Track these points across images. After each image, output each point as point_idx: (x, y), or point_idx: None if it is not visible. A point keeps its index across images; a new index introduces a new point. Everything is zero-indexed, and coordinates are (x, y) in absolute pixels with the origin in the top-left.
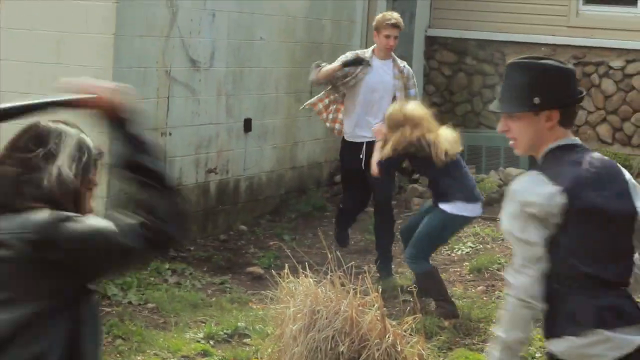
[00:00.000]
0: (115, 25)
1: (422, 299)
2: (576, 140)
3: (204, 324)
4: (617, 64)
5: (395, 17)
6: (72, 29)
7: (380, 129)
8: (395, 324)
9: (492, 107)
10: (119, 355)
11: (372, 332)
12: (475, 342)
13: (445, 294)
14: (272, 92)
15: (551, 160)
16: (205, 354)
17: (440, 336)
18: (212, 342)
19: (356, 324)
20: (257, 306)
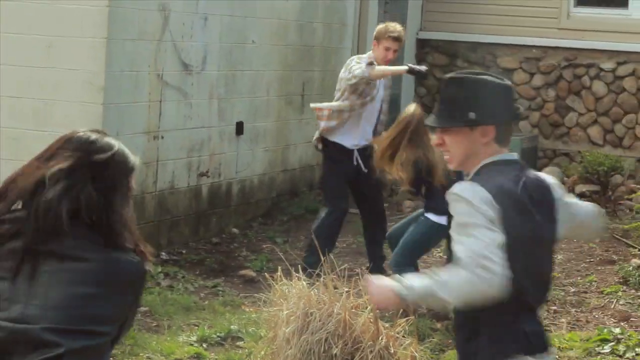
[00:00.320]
0: (107, 29)
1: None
2: (512, 156)
3: (197, 327)
4: (608, 65)
5: (398, 29)
6: (64, 32)
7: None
8: (388, 326)
9: (428, 122)
10: (112, 358)
11: (365, 334)
12: None
13: None
14: (264, 95)
15: (484, 174)
16: (198, 357)
17: (432, 338)
18: (205, 345)
19: (349, 326)
20: (250, 309)
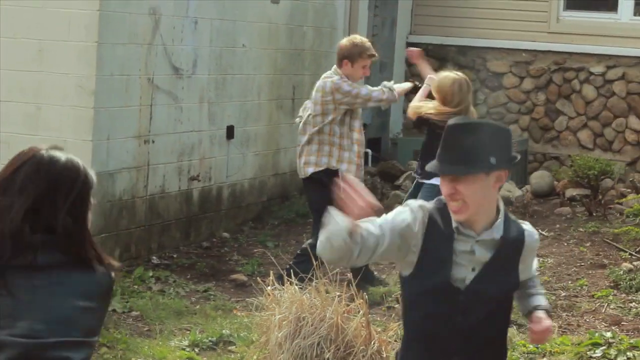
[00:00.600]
0: (98, 33)
1: None
2: None
3: (188, 332)
4: (597, 69)
5: (370, 44)
6: (55, 36)
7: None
8: (380, 330)
9: (442, 170)
10: None
11: (357, 338)
12: None
13: None
14: (255, 99)
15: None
16: None
17: None
18: (197, 350)
19: (341, 331)
20: (241, 313)
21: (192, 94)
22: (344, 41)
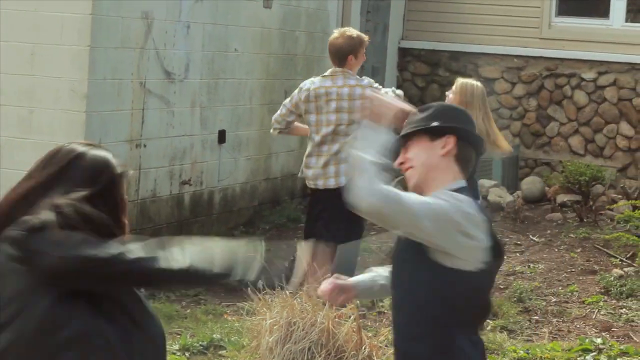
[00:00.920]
0: (90, 36)
1: None
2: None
3: (179, 336)
4: (589, 75)
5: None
6: (47, 40)
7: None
8: (371, 335)
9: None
10: None
11: (348, 343)
12: None
13: None
14: (247, 103)
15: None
16: None
17: None
18: (187, 354)
19: (332, 336)
20: (232, 318)
21: (184, 98)
22: (338, 39)
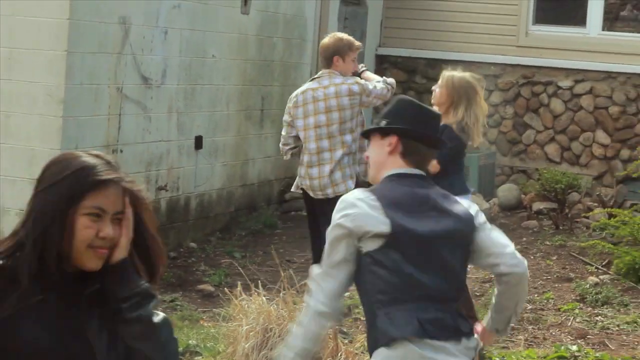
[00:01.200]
0: (67, 41)
1: None
2: (415, 170)
3: None
4: (565, 83)
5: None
6: (24, 45)
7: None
8: (347, 342)
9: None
10: None
11: (324, 350)
12: None
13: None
14: (224, 109)
15: (384, 184)
16: None
17: None
18: None
19: None
20: (208, 324)
21: (161, 104)
22: (327, 40)
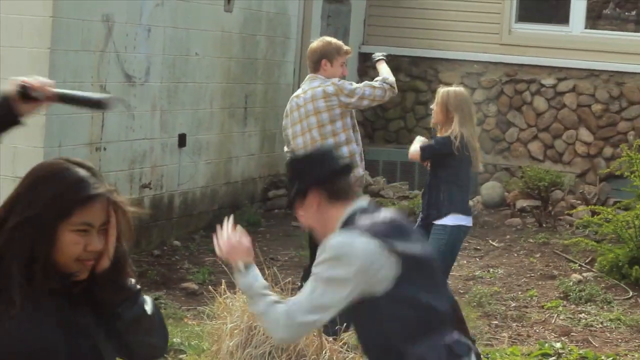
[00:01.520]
0: (50, 39)
1: None
2: (359, 202)
3: None
4: (548, 81)
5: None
6: (7, 42)
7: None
8: (331, 339)
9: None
10: None
11: (309, 347)
12: None
13: (466, 332)
14: (207, 107)
15: (352, 223)
16: None
17: None
18: None
19: None
20: (192, 322)
21: (144, 102)
22: (315, 43)
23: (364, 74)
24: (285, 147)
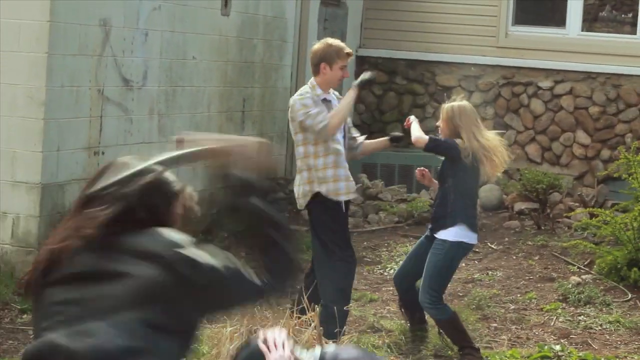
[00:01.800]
0: (48, 43)
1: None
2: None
3: None
4: (545, 84)
5: (344, 44)
6: (5, 47)
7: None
8: (332, 342)
9: None
10: None
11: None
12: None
13: (470, 341)
14: (205, 111)
15: None
16: None
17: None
18: None
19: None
20: None
21: (142, 106)
22: (316, 46)
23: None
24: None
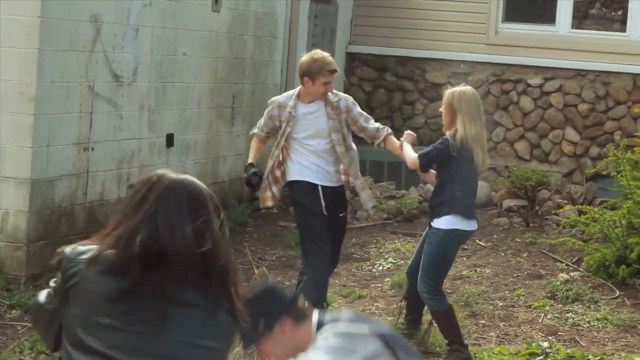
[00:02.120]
0: (38, 39)
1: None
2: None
3: None
4: (535, 81)
5: (332, 59)
6: None
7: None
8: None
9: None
10: None
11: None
12: None
13: (460, 337)
14: (195, 107)
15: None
16: None
17: None
18: None
19: None
20: None
21: (132, 102)
22: (304, 57)
23: (351, 74)
24: None
